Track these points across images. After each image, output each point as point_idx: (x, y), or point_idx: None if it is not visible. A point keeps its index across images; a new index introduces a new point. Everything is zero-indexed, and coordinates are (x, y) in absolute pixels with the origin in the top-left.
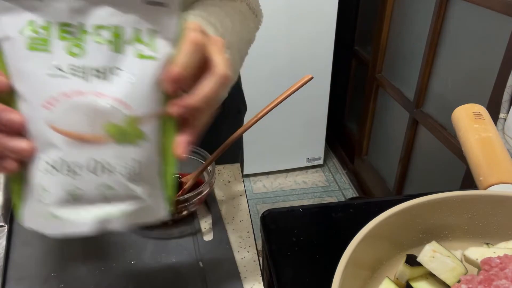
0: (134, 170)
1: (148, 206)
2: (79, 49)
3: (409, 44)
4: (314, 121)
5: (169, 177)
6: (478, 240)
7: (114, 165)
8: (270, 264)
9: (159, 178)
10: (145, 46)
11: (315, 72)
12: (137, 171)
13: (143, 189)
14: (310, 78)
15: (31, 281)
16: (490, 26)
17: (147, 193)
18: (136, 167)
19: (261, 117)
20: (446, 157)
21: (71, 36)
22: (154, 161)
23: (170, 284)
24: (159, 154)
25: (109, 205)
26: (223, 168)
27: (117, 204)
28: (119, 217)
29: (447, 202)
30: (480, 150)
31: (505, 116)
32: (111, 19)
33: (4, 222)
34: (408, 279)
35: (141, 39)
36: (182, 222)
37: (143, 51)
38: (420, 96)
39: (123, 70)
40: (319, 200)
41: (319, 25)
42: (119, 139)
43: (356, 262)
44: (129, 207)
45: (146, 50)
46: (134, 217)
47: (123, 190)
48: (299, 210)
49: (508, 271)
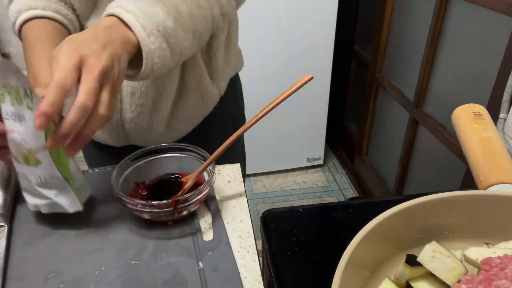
0: (41, 181)
1: (55, 202)
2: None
3: (409, 44)
4: (314, 121)
5: (72, 183)
6: (478, 240)
7: (30, 178)
8: (270, 264)
9: (66, 184)
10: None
11: (315, 72)
12: (43, 181)
13: (50, 192)
14: (310, 78)
15: (31, 281)
16: (490, 26)
17: (53, 194)
18: (41, 179)
19: (261, 117)
20: (446, 157)
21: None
22: (54, 175)
23: (170, 284)
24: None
25: (35, 198)
26: (223, 168)
27: (38, 199)
28: (41, 206)
29: (447, 202)
30: (480, 150)
31: (505, 116)
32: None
33: (4, 222)
34: (408, 279)
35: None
36: (182, 222)
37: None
38: (420, 96)
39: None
40: (319, 200)
41: (319, 25)
42: (27, 162)
43: (356, 262)
44: (43, 201)
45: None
46: (50, 208)
47: (36, 192)
48: (299, 210)
49: (508, 271)
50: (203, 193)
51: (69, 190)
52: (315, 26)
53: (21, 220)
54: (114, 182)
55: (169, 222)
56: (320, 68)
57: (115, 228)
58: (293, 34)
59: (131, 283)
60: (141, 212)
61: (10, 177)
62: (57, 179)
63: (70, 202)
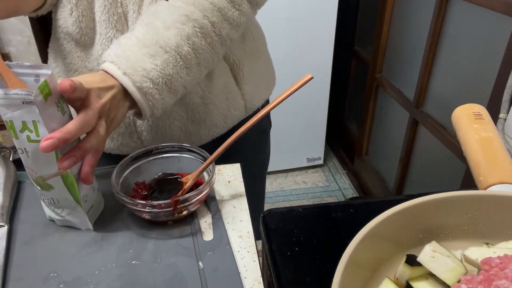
0: (54, 202)
1: (68, 220)
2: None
3: (409, 44)
4: (314, 121)
5: (82, 206)
6: (478, 240)
7: (44, 197)
8: (270, 264)
9: (78, 205)
10: (31, 132)
11: (315, 72)
12: (56, 203)
13: (62, 211)
14: (310, 78)
15: (31, 281)
16: (490, 26)
17: (65, 213)
18: (54, 200)
19: (261, 117)
20: (446, 157)
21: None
22: (66, 198)
23: (170, 284)
24: (69, 194)
25: (51, 212)
26: (223, 168)
27: (53, 213)
28: (55, 219)
29: (447, 202)
30: (480, 150)
31: (505, 116)
32: (5, 116)
33: (4, 222)
34: (408, 279)
35: (28, 127)
36: (182, 222)
37: (30, 136)
38: (420, 96)
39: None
40: (319, 200)
41: (319, 25)
42: (41, 187)
43: (356, 262)
44: (57, 217)
45: (32, 136)
46: (63, 223)
47: (50, 210)
48: (299, 210)
49: (508, 271)
50: (203, 193)
51: (80, 211)
52: (315, 26)
53: (21, 220)
54: (114, 182)
55: (169, 222)
56: (320, 68)
57: (115, 228)
58: (293, 34)
59: (131, 283)
60: (141, 212)
61: (16, 180)
62: (69, 201)
63: (81, 221)
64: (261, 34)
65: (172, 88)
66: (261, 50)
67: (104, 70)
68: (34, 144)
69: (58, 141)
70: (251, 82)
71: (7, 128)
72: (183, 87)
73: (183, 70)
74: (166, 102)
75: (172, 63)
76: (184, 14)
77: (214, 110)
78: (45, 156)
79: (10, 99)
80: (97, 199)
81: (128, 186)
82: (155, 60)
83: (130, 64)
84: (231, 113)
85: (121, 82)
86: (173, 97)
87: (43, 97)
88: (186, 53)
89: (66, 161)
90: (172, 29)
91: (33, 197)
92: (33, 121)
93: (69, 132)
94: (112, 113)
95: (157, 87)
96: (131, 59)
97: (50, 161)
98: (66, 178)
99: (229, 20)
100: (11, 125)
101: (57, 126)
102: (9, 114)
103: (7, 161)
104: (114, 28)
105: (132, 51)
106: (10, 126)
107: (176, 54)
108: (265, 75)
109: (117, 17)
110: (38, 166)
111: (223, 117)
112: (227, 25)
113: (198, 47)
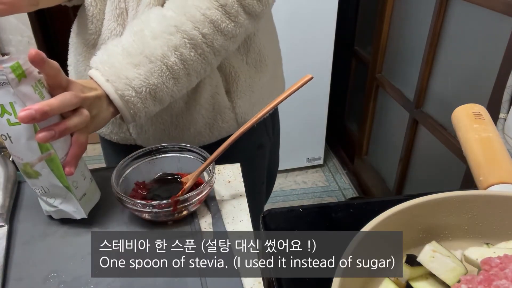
0: (44, 190)
1: (62, 210)
2: None
3: (409, 44)
4: (314, 121)
5: (73, 191)
6: (478, 240)
7: (35, 188)
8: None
9: (68, 191)
10: (10, 115)
11: (315, 72)
12: (47, 191)
13: (55, 201)
14: (310, 78)
15: (31, 281)
16: (490, 26)
17: (58, 203)
18: (44, 189)
19: (261, 117)
20: (446, 157)
21: None
22: (56, 185)
23: (170, 284)
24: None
25: (46, 205)
26: (223, 168)
27: (47, 206)
28: (51, 212)
29: (447, 202)
30: (480, 150)
31: (505, 116)
32: None
33: (4, 222)
34: (408, 279)
35: (6, 110)
36: (182, 222)
37: (10, 119)
38: (420, 96)
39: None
40: (319, 200)
41: (319, 25)
42: (28, 175)
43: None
44: (52, 209)
45: (12, 118)
46: (59, 214)
47: (44, 202)
48: (299, 210)
49: (508, 271)
50: (203, 193)
51: (72, 198)
52: (315, 26)
53: (21, 220)
54: (114, 182)
55: (169, 222)
56: (320, 68)
57: (115, 228)
58: (293, 34)
59: (131, 283)
60: (141, 212)
61: (15, 180)
62: (59, 188)
63: (75, 209)
64: (273, 50)
65: (157, 98)
66: (268, 66)
67: (90, 76)
68: (15, 127)
69: (35, 112)
70: (246, 97)
71: None
72: (170, 96)
73: (169, 80)
74: (149, 110)
75: (157, 73)
76: (173, 24)
77: (198, 119)
78: (27, 139)
79: None
80: (90, 188)
81: (128, 186)
82: (139, 70)
83: (113, 71)
84: (219, 124)
85: (103, 88)
86: (158, 105)
87: (16, 77)
88: (173, 63)
89: (43, 132)
90: (159, 39)
91: (33, 197)
92: (10, 103)
93: (48, 104)
94: (94, 111)
95: (140, 96)
96: (115, 66)
97: (32, 145)
98: (50, 162)
99: (223, 32)
100: None
101: None
102: None
103: (7, 161)
104: (116, 22)
105: (116, 59)
106: None
107: (162, 64)
108: (267, 93)
109: (119, 11)
110: (23, 152)
111: (208, 126)
112: (220, 37)
113: (187, 58)
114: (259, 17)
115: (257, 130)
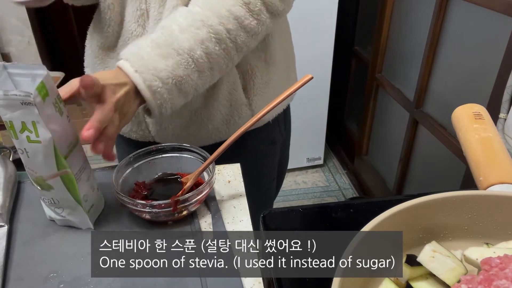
0: (54, 202)
1: (69, 220)
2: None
3: (409, 44)
4: (314, 121)
5: (83, 205)
6: (478, 240)
7: (44, 197)
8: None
9: (78, 205)
10: (31, 133)
11: (315, 72)
12: (56, 203)
13: (63, 211)
14: (310, 78)
15: (31, 281)
16: (490, 26)
17: (66, 213)
18: (54, 200)
19: (261, 117)
20: (446, 157)
21: None
22: (66, 198)
23: (170, 284)
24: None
25: (51, 212)
26: (223, 168)
27: (53, 213)
28: (56, 219)
29: (447, 202)
30: (480, 150)
31: (505, 116)
32: (5, 116)
33: (4, 222)
34: (408, 279)
35: (27, 128)
36: (182, 222)
37: (30, 137)
38: (420, 96)
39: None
40: (319, 200)
41: (319, 25)
42: (41, 187)
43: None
44: (57, 217)
45: (32, 136)
46: (63, 223)
47: (51, 210)
48: (299, 210)
49: (508, 271)
50: (203, 193)
51: (81, 211)
52: (315, 26)
53: (21, 220)
54: (114, 182)
55: (169, 222)
56: (320, 68)
57: (115, 228)
58: (293, 34)
59: (131, 283)
60: (141, 212)
61: (15, 180)
62: (69, 201)
63: (82, 221)
64: (287, 48)
65: (182, 90)
66: (283, 64)
67: (119, 66)
68: (34, 144)
69: (94, 132)
70: (263, 93)
71: (7, 128)
72: (194, 89)
73: (194, 73)
74: (175, 102)
75: (183, 65)
76: (200, 19)
77: (216, 115)
78: (44, 157)
79: (9, 99)
80: (97, 198)
81: (128, 186)
82: (167, 61)
83: (142, 63)
84: (235, 120)
85: (132, 79)
86: (183, 98)
87: (41, 98)
88: (199, 56)
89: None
90: (187, 32)
91: (33, 197)
92: (32, 122)
93: (98, 121)
94: (125, 108)
95: (167, 87)
96: (144, 58)
97: (50, 162)
98: (66, 178)
99: (246, 29)
100: (11, 126)
101: (56, 126)
102: (8, 114)
103: (7, 161)
104: (136, 23)
105: (146, 51)
106: (10, 127)
107: (188, 57)
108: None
109: (140, 12)
110: (38, 166)
111: (226, 122)
112: (243, 33)
113: (212, 52)
114: (280, 16)
115: (270, 126)
